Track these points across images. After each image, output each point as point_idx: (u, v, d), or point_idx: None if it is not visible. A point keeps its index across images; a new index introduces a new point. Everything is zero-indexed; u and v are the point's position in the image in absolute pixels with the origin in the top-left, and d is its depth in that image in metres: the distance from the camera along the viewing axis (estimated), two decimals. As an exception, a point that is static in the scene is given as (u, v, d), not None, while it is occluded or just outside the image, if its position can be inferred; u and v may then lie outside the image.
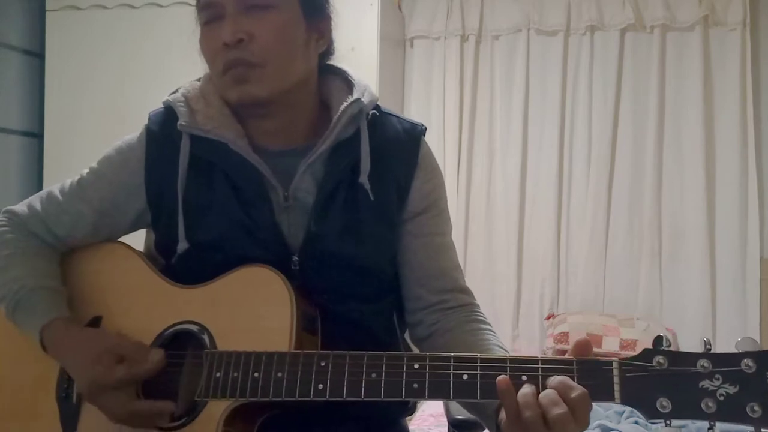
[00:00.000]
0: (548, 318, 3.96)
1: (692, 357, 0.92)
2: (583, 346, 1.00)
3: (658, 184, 3.92)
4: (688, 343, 3.69)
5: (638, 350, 3.11)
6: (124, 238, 1.35)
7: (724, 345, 0.95)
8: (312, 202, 1.23)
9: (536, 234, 4.08)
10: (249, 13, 1.19)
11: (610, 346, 3.59)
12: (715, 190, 3.87)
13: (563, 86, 4.06)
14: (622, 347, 3.59)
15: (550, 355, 3.68)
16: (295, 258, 1.22)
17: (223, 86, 1.23)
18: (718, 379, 0.90)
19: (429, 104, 4.21)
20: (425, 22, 4.22)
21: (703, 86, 3.84)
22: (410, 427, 1.44)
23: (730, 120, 3.84)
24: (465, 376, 1.00)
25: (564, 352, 3.64)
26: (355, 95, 1.27)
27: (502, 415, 1.02)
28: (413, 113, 4.09)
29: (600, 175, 3.98)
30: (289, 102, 1.25)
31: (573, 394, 0.94)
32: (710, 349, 0.93)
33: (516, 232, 4.08)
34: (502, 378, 0.96)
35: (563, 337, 3.68)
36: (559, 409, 0.93)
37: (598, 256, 3.99)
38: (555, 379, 0.96)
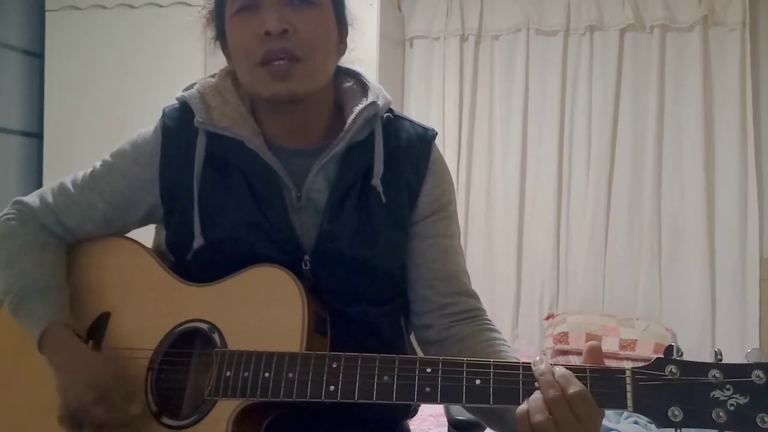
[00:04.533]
0: (548, 318, 3.97)
1: (704, 367, 0.92)
2: (595, 351, 1.00)
3: (658, 184, 3.93)
4: (688, 343, 3.70)
5: (637, 350, 3.12)
6: (134, 235, 1.34)
7: (724, 345, 0.96)
8: (324, 202, 1.24)
9: (536, 234, 4.09)
10: (291, 6, 1.18)
11: (609, 346, 3.59)
12: (714, 190, 3.88)
13: (563, 86, 4.06)
14: (622, 347, 3.59)
15: (549, 355, 3.69)
16: (306, 257, 1.21)
17: (258, 79, 1.20)
18: (729, 390, 0.90)
19: (428, 104, 4.22)
20: (425, 22, 4.23)
21: (702, 86, 3.85)
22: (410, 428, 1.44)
23: (729, 120, 3.85)
24: (478, 381, 0.99)
25: (564, 352, 3.65)
26: (370, 98, 1.27)
27: None
28: (413, 113, 4.08)
29: (600, 175, 3.99)
30: (313, 101, 1.25)
31: (570, 390, 0.94)
32: (721, 360, 0.92)
33: (516, 232, 4.09)
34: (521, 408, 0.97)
35: (563, 337, 3.69)
36: (563, 409, 0.94)
37: (598, 256, 4.00)
38: (558, 371, 0.96)
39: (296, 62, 1.18)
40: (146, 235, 1.37)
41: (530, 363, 1.00)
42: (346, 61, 1.34)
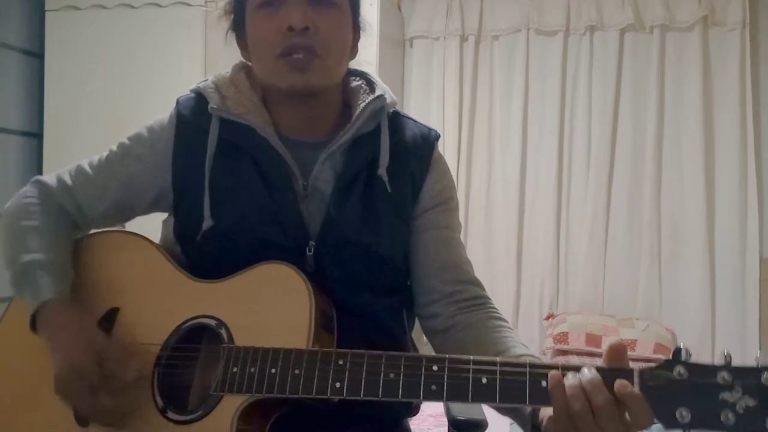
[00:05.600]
0: (547, 318, 3.97)
1: (713, 369, 0.90)
2: (618, 352, 0.97)
3: (658, 184, 3.93)
4: (687, 344, 3.63)
5: (637, 350, 3.10)
6: (142, 231, 1.35)
7: (723, 345, 0.94)
8: (330, 191, 1.27)
9: (536, 234, 4.09)
10: (313, 5, 1.23)
11: (609, 346, 3.59)
12: (714, 189, 3.88)
13: (563, 86, 4.06)
14: (622, 347, 3.58)
15: (549, 355, 3.69)
16: (311, 242, 1.24)
17: (277, 70, 1.25)
18: (738, 392, 0.88)
19: (428, 104, 4.22)
20: (425, 22, 4.23)
21: (702, 86, 3.85)
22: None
23: (729, 120, 3.85)
24: (484, 380, 0.99)
25: (563, 352, 3.64)
26: (378, 93, 1.33)
27: (544, 413, 1.02)
28: (413, 113, 4.02)
29: (599, 175, 3.99)
30: (324, 96, 1.30)
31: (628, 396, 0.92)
32: (730, 362, 0.91)
33: (516, 232, 4.09)
34: (554, 374, 0.95)
35: (562, 337, 3.68)
36: (604, 397, 0.91)
37: (598, 256, 4.00)
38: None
39: (315, 57, 1.23)
40: (154, 233, 1.38)
41: (538, 362, 1.00)
42: (350, 64, 1.38)
